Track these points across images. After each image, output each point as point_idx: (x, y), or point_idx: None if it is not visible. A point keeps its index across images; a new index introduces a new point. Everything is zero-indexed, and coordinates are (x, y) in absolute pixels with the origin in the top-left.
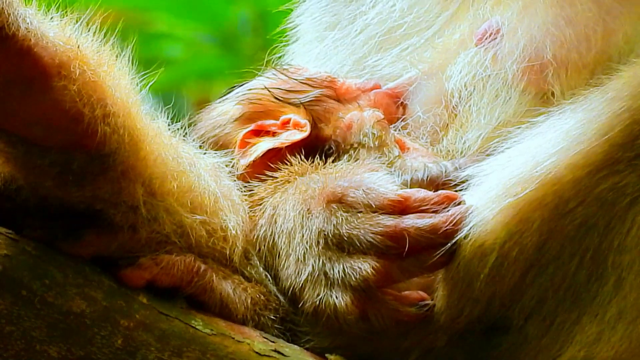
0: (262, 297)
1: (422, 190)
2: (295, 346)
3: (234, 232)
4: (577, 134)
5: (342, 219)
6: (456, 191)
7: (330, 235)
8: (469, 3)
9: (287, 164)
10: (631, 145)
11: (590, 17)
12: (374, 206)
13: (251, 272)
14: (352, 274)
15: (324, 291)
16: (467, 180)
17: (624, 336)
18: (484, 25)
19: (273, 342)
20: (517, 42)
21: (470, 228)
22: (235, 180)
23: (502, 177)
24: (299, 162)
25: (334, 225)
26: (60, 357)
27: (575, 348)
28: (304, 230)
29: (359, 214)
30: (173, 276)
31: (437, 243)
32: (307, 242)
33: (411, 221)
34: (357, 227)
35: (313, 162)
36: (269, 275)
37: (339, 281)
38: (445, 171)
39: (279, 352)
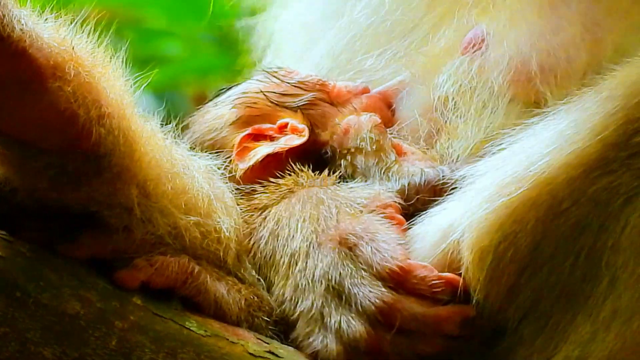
0: (256, 298)
1: (428, 267)
2: (290, 347)
3: (227, 234)
4: (571, 134)
5: (348, 270)
6: (452, 192)
7: (333, 282)
8: (454, 11)
9: (288, 171)
10: (625, 144)
11: (577, 28)
12: (374, 270)
13: (244, 274)
14: (347, 329)
15: (317, 332)
16: (461, 181)
17: (618, 335)
18: (470, 33)
19: (267, 343)
20: (503, 53)
21: (466, 229)
22: (227, 183)
23: (496, 176)
24: (302, 171)
25: (340, 274)
26: (54, 359)
27: (569, 348)
28: (309, 262)
29: (364, 272)
30: (167, 277)
31: (428, 333)
32: (309, 276)
33: (408, 304)
34: (358, 285)
35: (317, 171)
36: (261, 280)
37: (334, 330)
38: (443, 175)
39: (273, 354)
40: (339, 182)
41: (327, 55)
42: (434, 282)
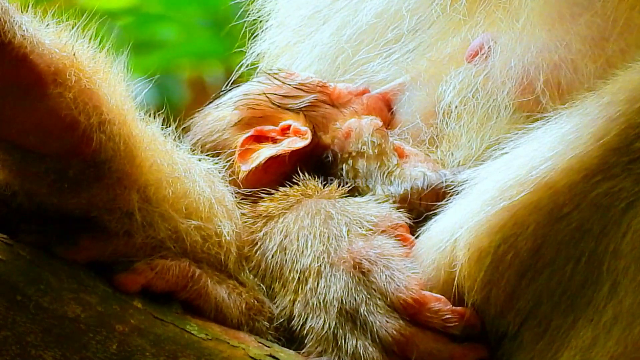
0: (256, 302)
1: (442, 299)
2: (291, 351)
3: (228, 238)
4: (573, 139)
5: (363, 297)
6: (454, 196)
7: (347, 306)
8: (464, 21)
9: (292, 177)
10: (626, 149)
11: (586, 43)
12: (388, 300)
13: (245, 277)
14: (364, 355)
15: (330, 352)
16: (463, 184)
17: (620, 341)
18: (476, 41)
19: (268, 347)
20: (509, 65)
21: (465, 229)
22: (228, 186)
23: (497, 180)
24: (309, 180)
25: (355, 299)
26: None
27: (570, 353)
28: (321, 282)
29: (378, 300)
30: (168, 281)
31: None
32: (321, 296)
33: (425, 339)
34: (374, 314)
35: (324, 181)
36: (262, 286)
37: (349, 353)
38: (445, 179)
39: (274, 357)
40: (346, 195)
41: (328, 55)
42: (447, 316)
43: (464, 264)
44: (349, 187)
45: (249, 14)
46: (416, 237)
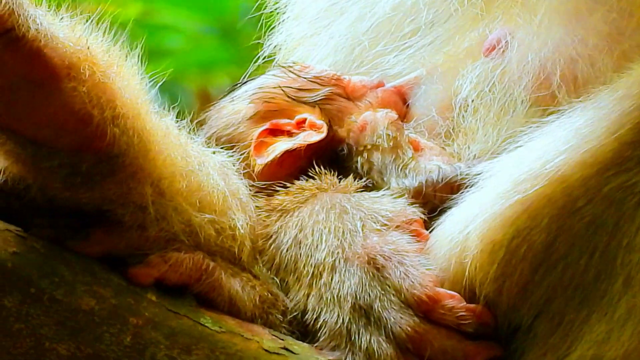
0: (270, 295)
1: (456, 296)
2: (305, 344)
3: (242, 231)
4: (587, 132)
5: (377, 292)
6: (468, 189)
7: (361, 302)
8: (482, 15)
9: (308, 170)
10: None
11: (603, 38)
12: (402, 297)
13: (258, 271)
14: (377, 350)
15: (344, 347)
16: (478, 177)
17: (633, 335)
18: (493, 35)
19: (282, 339)
20: (526, 59)
21: (479, 222)
22: (243, 179)
23: (511, 173)
24: (325, 174)
25: (369, 295)
26: (69, 355)
27: (584, 347)
28: (335, 276)
29: (392, 297)
30: (182, 274)
31: None
32: (335, 291)
33: (439, 336)
34: (389, 310)
35: (339, 175)
36: (276, 280)
37: (363, 349)
38: (460, 172)
39: (288, 350)
40: (361, 190)
41: (344, 47)
42: (461, 313)
43: (476, 256)
44: (364, 181)
45: (265, 7)
46: (430, 232)
